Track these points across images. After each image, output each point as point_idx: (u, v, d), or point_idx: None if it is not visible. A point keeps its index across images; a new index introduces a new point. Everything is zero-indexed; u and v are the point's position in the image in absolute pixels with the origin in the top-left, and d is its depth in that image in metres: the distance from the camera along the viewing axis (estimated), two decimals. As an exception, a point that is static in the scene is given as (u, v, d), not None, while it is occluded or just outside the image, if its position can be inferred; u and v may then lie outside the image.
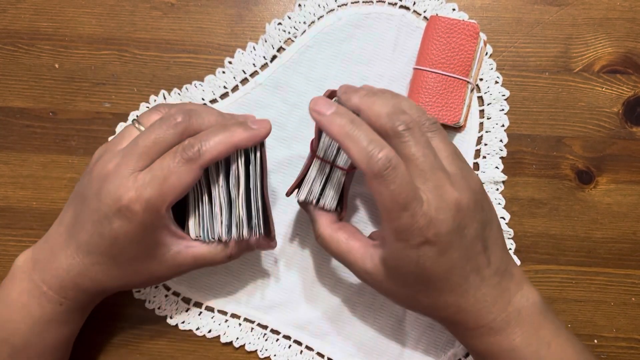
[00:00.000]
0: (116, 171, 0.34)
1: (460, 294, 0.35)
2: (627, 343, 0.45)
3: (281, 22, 0.46)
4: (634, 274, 0.45)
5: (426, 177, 0.33)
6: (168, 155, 0.34)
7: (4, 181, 0.46)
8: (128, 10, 0.46)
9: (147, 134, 0.35)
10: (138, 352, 0.45)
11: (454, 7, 0.46)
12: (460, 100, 0.43)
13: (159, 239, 0.35)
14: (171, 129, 0.35)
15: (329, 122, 0.33)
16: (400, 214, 0.32)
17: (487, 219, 0.35)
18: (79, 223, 0.35)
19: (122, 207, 0.33)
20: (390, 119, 0.33)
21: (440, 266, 0.34)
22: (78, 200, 0.36)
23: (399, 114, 0.33)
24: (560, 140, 0.46)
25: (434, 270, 0.34)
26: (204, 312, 0.45)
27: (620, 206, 0.46)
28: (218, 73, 0.46)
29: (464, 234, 0.34)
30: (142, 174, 0.34)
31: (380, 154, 0.32)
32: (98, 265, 0.35)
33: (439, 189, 0.33)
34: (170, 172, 0.33)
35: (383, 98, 0.35)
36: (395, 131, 0.33)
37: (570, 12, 0.46)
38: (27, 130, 0.46)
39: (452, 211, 0.33)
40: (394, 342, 0.45)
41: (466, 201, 0.33)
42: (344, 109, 0.34)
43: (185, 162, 0.34)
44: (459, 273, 0.34)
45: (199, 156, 0.34)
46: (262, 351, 0.45)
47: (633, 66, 0.46)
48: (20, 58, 0.46)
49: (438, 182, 0.33)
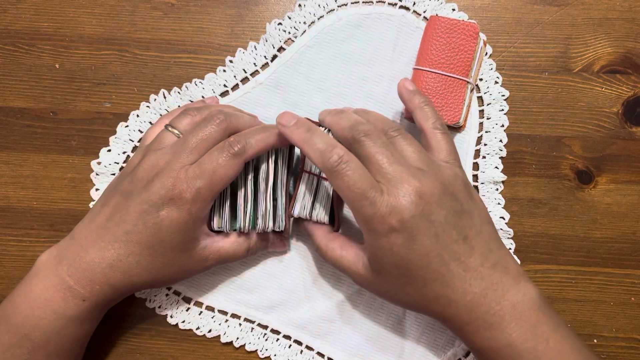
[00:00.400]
0: (168, 166, 0.37)
1: (445, 284, 0.35)
2: (627, 343, 0.45)
3: (281, 22, 0.46)
4: (633, 274, 0.45)
5: (384, 171, 0.35)
6: (216, 150, 0.38)
7: (4, 181, 0.46)
8: (128, 10, 0.46)
9: (195, 132, 0.38)
10: (138, 351, 0.45)
11: (454, 7, 0.46)
12: (460, 100, 0.43)
13: (198, 230, 0.39)
14: (216, 127, 0.38)
15: (291, 131, 0.38)
16: (362, 203, 0.35)
17: (462, 208, 0.36)
18: (119, 217, 0.38)
19: (175, 195, 0.37)
20: (350, 130, 0.37)
21: (414, 252, 0.35)
22: (118, 198, 0.38)
23: (358, 125, 0.37)
24: (559, 140, 0.46)
25: (409, 258, 0.35)
26: (204, 312, 0.45)
27: (619, 206, 0.46)
28: (219, 71, 0.46)
29: (431, 220, 0.35)
30: (193, 167, 0.37)
31: (333, 152, 0.36)
32: (133, 256, 0.37)
33: (399, 179, 0.35)
34: (219, 165, 0.37)
35: (348, 115, 0.38)
36: (355, 139, 0.36)
37: (569, 12, 0.46)
38: (27, 130, 0.46)
39: (413, 197, 0.35)
40: (394, 342, 0.45)
41: (429, 188, 0.35)
42: (303, 120, 0.38)
43: (232, 157, 0.37)
44: (437, 260, 0.35)
45: (244, 151, 0.38)
46: (263, 351, 0.45)
47: (632, 66, 0.46)
48: (21, 58, 0.46)
49: (397, 174, 0.35)
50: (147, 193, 0.37)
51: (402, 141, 0.38)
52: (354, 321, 0.45)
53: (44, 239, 0.45)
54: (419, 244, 0.35)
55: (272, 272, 0.45)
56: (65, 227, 0.45)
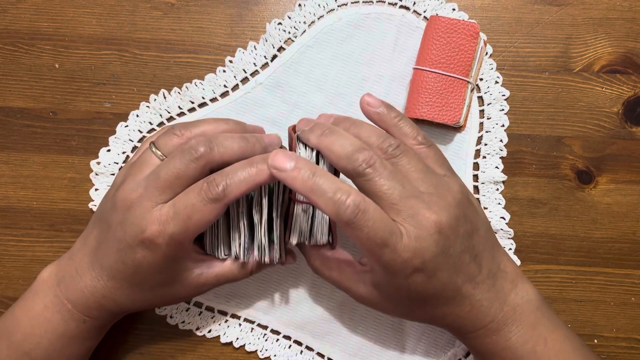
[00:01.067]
0: (139, 202, 0.34)
1: (455, 304, 0.35)
2: (627, 343, 0.45)
3: (281, 22, 0.46)
4: (633, 274, 0.45)
5: (399, 208, 0.33)
6: (192, 192, 0.34)
7: (4, 181, 0.46)
8: (128, 10, 0.46)
9: (169, 167, 0.34)
10: (138, 352, 0.45)
11: (454, 7, 0.46)
12: (461, 100, 0.43)
13: (181, 267, 0.36)
14: (193, 163, 0.34)
15: (291, 178, 0.32)
16: (382, 252, 0.32)
17: (472, 227, 0.35)
18: (103, 249, 0.36)
19: (145, 239, 0.34)
20: (350, 161, 0.33)
21: (432, 287, 0.34)
22: (102, 226, 0.36)
23: (358, 152, 0.33)
24: (560, 140, 0.46)
25: (426, 292, 0.34)
26: (204, 312, 0.45)
27: (619, 206, 0.46)
28: (219, 72, 0.46)
29: (449, 253, 0.34)
30: (166, 208, 0.34)
31: (348, 201, 0.31)
32: (121, 289, 0.36)
33: (415, 216, 0.33)
34: (195, 210, 0.33)
35: (340, 136, 0.34)
36: (357, 172, 0.33)
37: (570, 12, 0.46)
38: (27, 130, 0.46)
39: (433, 236, 0.33)
40: (394, 342, 0.45)
41: (446, 220, 0.33)
42: (303, 161, 0.33)
43: (210, 201, 0.33)
44: (451, 288, 0.34)
45: (224, 196, 0.33)
46: (262, 351, 0.45)
47: (633, 66, 0.46)
48: (21, 58, 0.46)
49: (412, 210, 0.33)
50: (122, 232, 0.34)
51: (404, 161, 0.35)
52: (354, 321, 0.45)
53: (44, 239, 0.45)
54: (437, 278, 0.34)
55: (272, 272, 0.45)
56: (65, 227, 0.45)
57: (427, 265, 0.33)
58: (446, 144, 0.46)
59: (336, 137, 0.34)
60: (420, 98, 0.43)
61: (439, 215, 0.33)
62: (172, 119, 0.46)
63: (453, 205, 0.34)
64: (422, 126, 0.45)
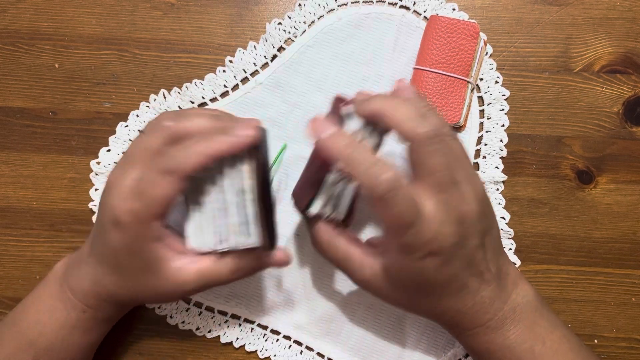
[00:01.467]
0: (113, 181, 0.34)
1: (459, 298, 0.35)
2: (627, 343, 0.45)
3: (281, 21, 0.46)
4: (633, 274, 0.45)
5: (440, 189, 0.33)
6: (150, 166, 0.33)
7: (4, 181, 0.46)
8: (128, 10, 0.46)
9: (137, 141, 0.34)
10: (138, 352, 0.45)
11: (454, 7, 0.46)
12: (461, 100, 0.43)
13: (155, 252, 0.34)
14: (158, 134, 0.34)
15: (330, 143, 0.32)
16: (406, 232, 0.32)
17: (488, 226, 0.35)
18: (95, 233, 0.36)
19: (115, 217, 0.33)
20: (418, 124, 0.32)
21: (442, 275, 0.34)
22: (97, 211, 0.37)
23: (426, 118, 0.33)
24: (560, 140, 0.46)
25: (436, 279, 0.34)
26: (204, 312, 0.45)
27: (620, 206, 0.46)
28: (218, 72, 0.46)
29: (465, 245, 0.34)
30: (128, 181, 0.33)
31: (384, 176, 0.31)
32: (109, 275, 0.36)
33: (448, 203, 0.33)
34: (150, 184, 0.32)
35: (408, 101, 0.34)
36: (422, 137, 0.32)
37: (570, 12, 0.46)
38: (27, 130, 0.46)
39: (455, 225, 0.33)
40: (394, 342, 0.45)
41: (471, 213, 0.34)
42: (343, 130, 0.33)
43: (162, 174, 0.32)
44: (460, 280, 0.34)
45: (176, 167, 0.32)
46: (262, 351, 0.45)
47: (633, 66, 0.46)
48: (21, 58, 0.46)
49: (450, 197, 0.33)
50: (101, 213, 0.35)
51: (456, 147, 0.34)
52: (354, 322, 0.45)
53: (44, 239, 0.45)
54: (449, 267, 0.34)
55: (272, 272, 0.45)
56: (64, 227, 0.45)
57: (443, 252, 0.33)
58: (446, 144, 0.45)
59: (403, 101, 0.34)
60: (421, 98, 0.43)
61: (468, 206, 0.33)
62: (172, 119, 0.46)
63: (480, 199, 0.34)
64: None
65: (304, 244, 0.45)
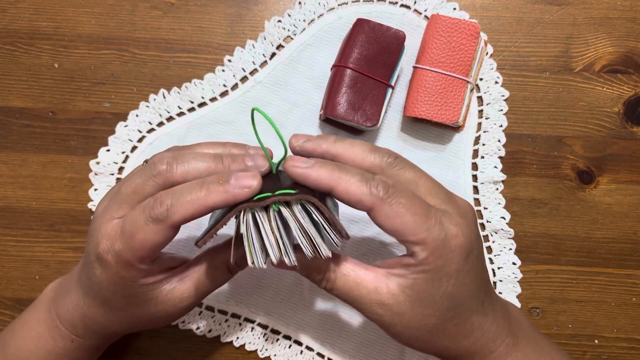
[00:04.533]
0: (101, 215, 0.33)
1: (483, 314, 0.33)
2: (628, 343, 0.45)
3: (281, 19, 0.46)
4: (634, 274, 0.45)
5: (435, 192, 0.32)
6: (139, 209, 0.31)
7: (3, 181, 0.46)
8: (128, 9, 0.46)
9: (129, 181, 0.33)
10: (138, 352, 0.45)
11: (455, 6, 0.46)
12: (460, 99, 0.43)
13: (142, 288, 0.33)
14: (150, 179, 0.32)
15: (315, 172, 0.31)
16: (427, 224, 0.30)
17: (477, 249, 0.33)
18: (83, 262, 0.35)
19: (99, 254, 0.32)
20: (375, 155, 0.32)
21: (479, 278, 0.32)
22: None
23: (379, 149, 0.33)
24: (560, 140, 0.46)
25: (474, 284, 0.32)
26: (204, 312, 0.45)
27: (620, 206, 0.45)
28: (218, 71, 0.46)
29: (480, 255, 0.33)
30: (115, 222, 0.32)
31: (376, 180, 0.31)
32: (95, 308, 0.34)
33: (452, 202, 0.32)
34: (138, 229, 0.31)
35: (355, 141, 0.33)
36: (387, 163, 0.32)
37: (570, 12, 0.46)
38: (26, 130, 0.46)
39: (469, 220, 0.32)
40: (394, 342, 0.44)
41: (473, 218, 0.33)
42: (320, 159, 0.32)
43: (153, 221, 0.30)
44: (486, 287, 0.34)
45: (167, 217, 0.30)
46: (262, 351, 0.45)
47: (634, 66, 0.46)
48: (20, 58, 0.46)
49: (446, 196, 0.33)
50: (87, 244, 0.33)
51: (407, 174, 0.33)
52: (354, 322, 0.45)
53: (43, 239, 0.45)
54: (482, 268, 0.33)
55: (273, 272, 0.45)
56: (64, 227, 0.45)
57: (474, 247, 0.32)
58: (445, 144, 0.45)
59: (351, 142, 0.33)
60: (420, 97, 0.43)
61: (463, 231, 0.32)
62: (171, 119, 0.46)
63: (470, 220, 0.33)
64: (420, 125, 0.45)
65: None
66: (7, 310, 0.45)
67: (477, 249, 0.32)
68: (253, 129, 0.33)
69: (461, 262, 0.31)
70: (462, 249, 0.31)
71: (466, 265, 0.31)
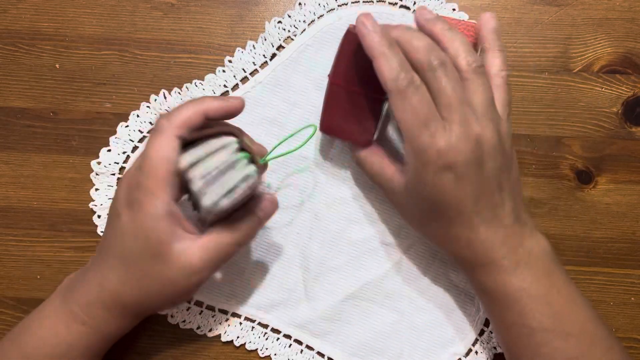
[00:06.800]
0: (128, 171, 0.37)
1: (470, 228, 0.36)
2: (627, 343, 0.45)
3: (281, 20, 0.46)
4: (633, 274, 0.45)
5: (452, 109, 0.35)
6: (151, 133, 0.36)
7: (4, 181, 0.46)
8: (128, 10, 0.46)
9: None
10: (137, 352, 0.45)
11: (454, 7, 0.46)
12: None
13: (161, 232, 0.34)
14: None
15: (371, 37, 0.36)
16: (421, 132, 0.35)
17: (506, 163, 0.37)
18: (104, 234, 0.38)
19: (130, 198, 0.35)
20: (426, 54, 0.35)
21: (454, 195, 0.36)
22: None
23: (434, 50, 0.36)
24: (559, 140, 0.46)
25: (448, 198, 0.36)
26: (205, 311, 0.45)
27: (619, 206, 0.46)
28: (218, 72, 0.46)
29: (481, 169, 0.35)
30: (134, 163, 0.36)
31: (407, 75, 0.35)
32: (113, 270, 0.36)
33: (463, 121, 0.35)
34: (149, 147, 0.34)
35: (420, 34, 0.37)
36: (430, 65, 0.35)
37: (569, 12, 0.46)
38: (28, 130, 0.46)
39: (472, 143, 0.35)
40: (394, 341, 0.45)
41: (488, 138, 0.35)
42: (387, 33, 0.36)
43: (157, 133, 0.34)
44: (471, 207, 0.36)
45: (169, 122, 0.34)
46: (263, 350, 0.45)
47: (632, 66, 0.46)
48: (21, 58, 0.46)
49: (464, 115, 0.35)
50: (113, 203, 0.37)
51: (475, 84, 0.36)
52: (354, 321, 0.45)
53: (44, 239, 0.46)
54: (461, 188, 0.35)
55: (273, 271, 0.45)
56: (65, 227, 0.45)
57: (457, 167, 0.35)
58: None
59: (416, 33, 0.37)
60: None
61: (485, 130, 0.35)
62: (172, 119, 0.46)
63: (499, 131, 0.36)
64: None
65: (305, 244, 0.45)
66: (9, 309, 0.45)
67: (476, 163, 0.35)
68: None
69: (439, 171, 0.35)
70: (444, 159, 0.35)
71: (448, 174, 0.35)
